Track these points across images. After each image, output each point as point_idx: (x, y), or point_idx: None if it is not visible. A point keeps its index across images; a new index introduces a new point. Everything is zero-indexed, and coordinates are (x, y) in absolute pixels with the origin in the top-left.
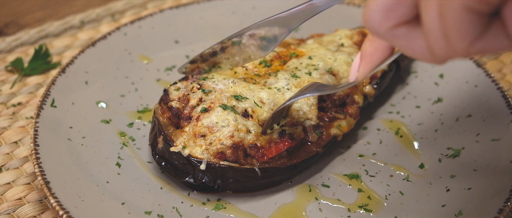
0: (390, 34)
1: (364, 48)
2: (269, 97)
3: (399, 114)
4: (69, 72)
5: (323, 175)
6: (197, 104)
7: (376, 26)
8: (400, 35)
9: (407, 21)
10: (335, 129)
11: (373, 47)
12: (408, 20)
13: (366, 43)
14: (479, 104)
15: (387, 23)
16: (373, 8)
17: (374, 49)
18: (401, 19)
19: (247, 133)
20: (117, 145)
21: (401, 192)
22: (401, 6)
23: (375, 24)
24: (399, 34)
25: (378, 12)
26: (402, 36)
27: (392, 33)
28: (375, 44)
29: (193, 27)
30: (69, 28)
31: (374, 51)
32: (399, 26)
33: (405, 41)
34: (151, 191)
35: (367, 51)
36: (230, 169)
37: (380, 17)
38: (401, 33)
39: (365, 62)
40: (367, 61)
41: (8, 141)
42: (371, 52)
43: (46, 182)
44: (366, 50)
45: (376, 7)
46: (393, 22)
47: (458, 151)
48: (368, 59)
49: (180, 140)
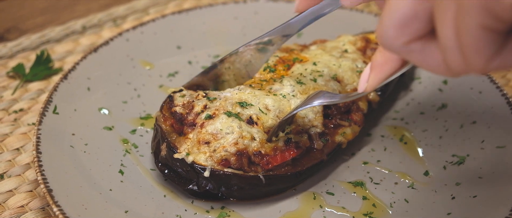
0: (405, 49)
1: (375, 59)
2: (274, 104)
3: (403, 120)
4: (71, 78)
5: (327, 182)
6: (201, 111)
7: (390, 41)
8: (415, 50)
9: (422, 36)
10: (340, 136)
11: (384, 58)
12: (422, 35)
13: (377, 53)
14: (483, 111)
15: (401, 38)
16: (387, 23)
17: (385, 60)
18: (416, 34)
19: (252, 140)
20: (119, 152)
21: (406, 199)
22: (416, 21)
23: (389, 40)
24: (414, 49)
25: (392, 27)
26: (417, 51)
27: (406, 48)
28: (386, 55)
29: (195, 32)
30: (70, 33)
31: (385, 62)
32: (413, 41)
33: (420, 55)
34: (155, 199)
35: (377, 61)
36: (234, 176)
37: (394, 33)
38: (416, 48)
39: (375, 73)
40: (378, 72)
41: (9, 148)
42: (382, 63)
43: (49, 190)
44: (376, 60)
45: (390, 23)
46: (408, 37)
47: (463, 158)
48: (379, 70)
49: (184, 147)
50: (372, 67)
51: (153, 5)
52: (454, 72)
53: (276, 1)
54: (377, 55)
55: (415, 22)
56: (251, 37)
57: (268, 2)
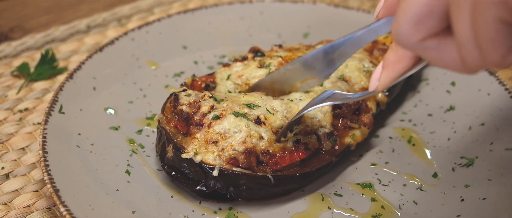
0: (420, 46)
1: (387, 57)
2: (282, 105)
3: (411, 122)
4: (76, 78)
5: (335, 183)
6: (208, 112)
7: (405, 39)
8: (430, 47)
9: (437, 33)
10: (349, 138)
11: (397, 56)
12: (438, 32)
13: (389, 52)
14: (492, 112)
15: (417, 35)
16: (402, 21)
17: (398, 59)
18: (431, 31)
19: (260, 139)
20: (126, 152)
21: (415, 201)
22: (431, 18)
23: (405, 37)
24: (429, 46)
25: (407, 24)
26: (433, 48)
27: (422, 45)
28: (398, 53)
29: (201, 32)
30: (75, 32)
31: (398, 60)
32: (429, 38)
33: (436, 52)
34: (162, 200)
35: (390, 60)
36: (243, 175)
37: (410, 30)
38: (431, 45)
39: (388, 71)
40: (390, 70)
41: (15, 147)
42: (394, 62)
43: (56, 190)
44: (389, 59)
45: (405, 20)
46: (423, 34)
47: (471, 160)
48: (391, 68)
49: (192, 147)
50: (384, 65)
51: (158, 5)
52: (470, 68)
53: (282, 1)
54: (390, 53)
55: (430, 18)
56: (257, 38)
57: (274, 2)
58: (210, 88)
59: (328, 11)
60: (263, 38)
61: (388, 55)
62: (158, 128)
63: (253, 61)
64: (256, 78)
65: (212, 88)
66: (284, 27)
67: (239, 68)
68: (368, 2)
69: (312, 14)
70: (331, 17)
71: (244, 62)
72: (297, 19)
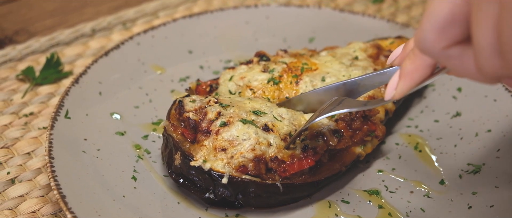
0: (444, 54)
1: (404, 66)
2: (288, 113)
3: (418, 128)
4: (82, 82)
5: (342, 190)
6: (215, 118)
7: (429, 46)
8: (453, 55)
9: (461, 41)
10: (359, 149)
11: (414, 65)
12: (461, 40)
13: (406, 61)
14: (498, 119)
15: (440, 43)
16: (426, 28)
17: (415, 67)
18: (455, 39)
19: (269, 146)
20: (132, 158)
21: (422, 209)
22: (455, 26)
23: (428, 44)
24: (453, 54)
25: (431, 32)
26: (455, 56)
27: (445, 53)
28: (416, 62)
29: (207, 37)
30: (80, 36)
31: (415, 69)
32: (452, 46)
33: (458, 61)
34: (169, 206)
35: (407, 69)
36: (252, 183)
37: (434, 38)
38: (455, 53)
39: (405, 80)
40: (407, 79)
41: (20, 152)
42: (412, 71)
43: (62, 196)
44: (406, 68)
45: (430, 27)
46: (447, 42)
47: (478, 167)
48: (408, 78)
49: (200, 154)
50: (401, 74)
51: (163, 9)
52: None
53: (287, 5)
54: (407, 62)
55: (454, 26)
56: (262, 42)
57: (279, 7)
58: (213, 88)
59: (334, 16)
60: (268, 43)
61: (405, 64)
62: (164, 134)
63: (258, 65)
64: (258, 81)
65: (214, 88)
66: (289, 32)
67: (243, 70)
68: (373, 7)
69: (317, 18)
70: (336, 22)
71: (249, 66)
72: (303, 23)
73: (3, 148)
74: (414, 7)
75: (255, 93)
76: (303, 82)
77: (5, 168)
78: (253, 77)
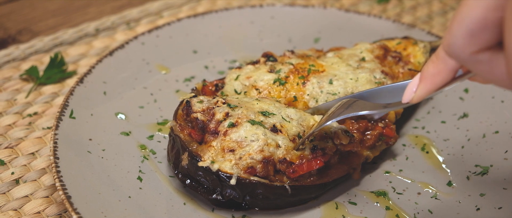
0: (472, 59)
1: (426, 69)
2: (297, 113)
3: (424, 129)
4: (87, 82)
5: (349, 192)
6: (223, 119)
7: (458, 51)
8: (482, 61)
9: (490, 47)
10: (367, 151)
11: (437, 69)
12: (492, 45)
13: (428, 64)
14: (506, 120)
15: (470, 48)
16: (456, 33)
17: (437, 71)
18: (485, 44)
19: (277, 148)
20: (137, 158)
21: (430, 210)
22: (486, 31)
23: (458, 49)
24: (482, 59)
25: (461, 37)
26: (484, 62)
27: (474, 58)
28: (439, 66)
29: (211, 36)
30: (83, 36)
31: (437, 73)
32: (482, 51)
33: (487, 66)
34: (175, 207)
35: (429, 72)
36: (261, 185)
37: (463, 42)
38: (484, 59)
39: (425, 84)
40: (428, 83)
41: (25, 152)
42: (434, 74)
43: (68, 197)
44: (428, 71)
45: (459, 32)
46: (477, 47)
47: (486, 168)
48: (429, 81)
49: (208, 155)
50: (422, 77)
51: (167, 8)
52: None
53: (293, 5)
54: (429, 65)
55: (485, 32)
56: (268, 42)
57: (284, 7)
58: (219, 88)
59: (339, 16)
60: (273, 43)
61: (427, 67)
62: (170, 135)
63: (265, 65)
64: (264, 81)
65: (220, 88)
66: (294, 32)
67: (249, 70)
68: (378, 7)
69: (322, 18)
70: (341, 22)
71: (255, 66)
72: (308, 23)
73: (7, 148)
74: (419, 8)
75: (260, 93)
76: (310, 83)
77: (9, 168)
78: (259, 77)
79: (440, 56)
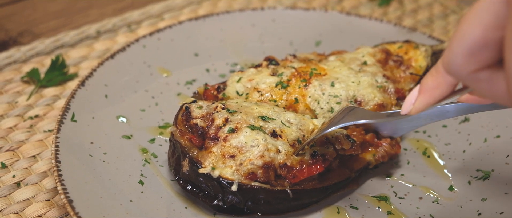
0: (472, 77)
1: (425, 82)
2: (296, 118)
3: (426, 133)
4: (88, 85)
5: (351, 196)
6: (223, 125)
7: (457, 69)
8: (482, 79)
9: (490, 65)
10: (370, 156)
11: (436, 82)
12: (491, 64)
13: (428, 76)
14: (507, 124)
15: (469, 67)
16: (456, 51)
17: (437, 85)
18: (485, 63)
19: (277, 153)
20: (139, 162)
21: (432, 215)
22: (486, 50)
23: (457, 67)
24: (481, 78)
25: (461, 55)
26: (484, 80)
27: (473, 76)
28: (438, 80)
29: (213, 39)
30: (85, 38)
31: (437, 86)
32: (481, 70)
33: (487, 84)
34: (176, 211)
35: (428, 85)
36: (262, 190)
37: (463, 61)
38: (483, 77)
39: (424, 97)
40: (427, 95)
41: (26, 155)
42: (433, 87)
43: (69, 201)
44: (427, 84)
45: (459, 51)
46: (476, 66)
47: (487, 173)
48: (428, 94)
49: (208, 161)
50: (421, 90)
51: (168, 11)
52: None
53: (294, 8)
54: (429, 79)
55: (485, 51)
56: (269, 45)
57: (286, 10)
58: (220, 89)
59: (340, 19)
60: (275, 46)
61: (426, 80)
62: (171, 140)
63: (267, 69)
64: (266, 84)
65: (222, 89)
66: (296, 35)
67: (251, 73)
68: (379, 10)
69: (324, 22)
70: (343, 25)
71: (258, 69)
72: (309, 27)
73: (8, 150)
74: (420, 11)
75: (262, 96)
76: (312, 86)
77: (10, 171)
78: (262, 80)
79: (440, 71)
